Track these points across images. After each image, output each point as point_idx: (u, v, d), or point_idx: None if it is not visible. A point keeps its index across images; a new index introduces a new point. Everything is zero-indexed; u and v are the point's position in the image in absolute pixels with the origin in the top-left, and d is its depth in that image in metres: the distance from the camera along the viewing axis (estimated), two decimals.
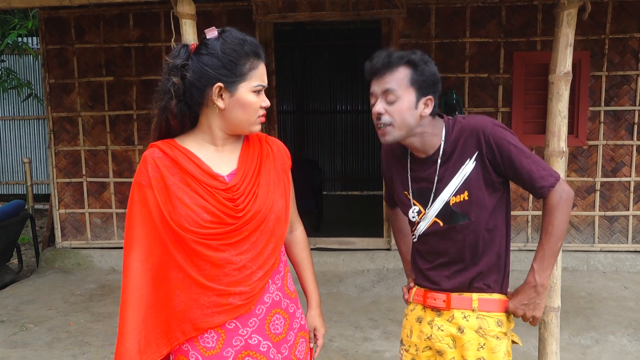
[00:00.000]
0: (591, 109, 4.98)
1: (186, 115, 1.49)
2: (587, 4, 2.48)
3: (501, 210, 1.68)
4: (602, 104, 4.97)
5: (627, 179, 5.03)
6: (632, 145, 5.00)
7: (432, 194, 1.67)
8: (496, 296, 1.68)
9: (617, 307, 4.13)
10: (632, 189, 5.03)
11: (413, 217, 1.73)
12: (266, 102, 1.50)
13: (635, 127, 4.96)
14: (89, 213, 5.51)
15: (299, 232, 1.73)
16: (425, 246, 1.74)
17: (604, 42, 4.90)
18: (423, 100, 1.62)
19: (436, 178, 1.66)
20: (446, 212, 1.66)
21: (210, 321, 1.45)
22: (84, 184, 5.49)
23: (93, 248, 5.49)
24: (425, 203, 1.69)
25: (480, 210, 1.64)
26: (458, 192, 1.63)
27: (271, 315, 1.53)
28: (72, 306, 4.39)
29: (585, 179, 5.06)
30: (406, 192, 1.75)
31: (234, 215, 1.45)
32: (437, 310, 1.71)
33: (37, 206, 7.09)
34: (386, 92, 1.60)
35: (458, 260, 1.68)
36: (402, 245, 1.97)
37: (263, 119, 1.52)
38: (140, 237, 1.45)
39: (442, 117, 1.71)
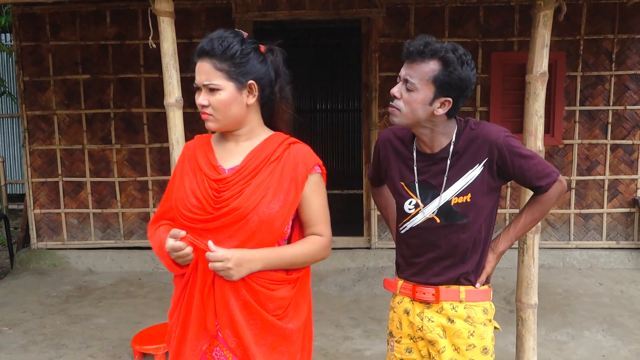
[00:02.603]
0: (567, 108, 5.06)
1: None
2: (563, 6, 2.53)
3: (494, 212, 1.77)
4: (577, 103, 5.06)
5: (602, 177, 5.13)
6: (606, 145, 5.10)
7: (435, 191, 1.72)
8: (483, 287, 1.77)
9: (592, 303, 4.21)
10: (606, 187, 5.13)
11: (409, 210, 1.76)
12: (198, 101, 1.55)
13: (609, 126, 5.07)
14: (65, 213, 5.42)
15: (314, 235, 1.61)
16: (415, 239, 1.78)
17: (579, 43, 4.99)
18: (440, 99, 1.64)
19: (445, 178, 1.71)
20: (446, 210, 1.71)
21: None
22: (60, 183, 5.39)
23: (69, 249, 5.40)
24: (424, 198, 1.73)
25: (478, 212, 1.71)
26: (462, 193, 1.70)
27: None
28: (48, 308, 4.31)
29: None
30: (402, 184, 1.77)
31: (212, 206, 1.51)
32: (425, 302, 1.76)
33: (11, 206, 6.94)
34: (407, 80, 1.64)
35: (448, 257, 1.73)
36: (391, 221, 1.99)
37: (203, 117, 1.56)
38: (166, 208, 1.67)
39: (455, 117, 1.76)
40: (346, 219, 6.38)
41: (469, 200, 1.69)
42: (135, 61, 5.22)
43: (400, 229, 1.81)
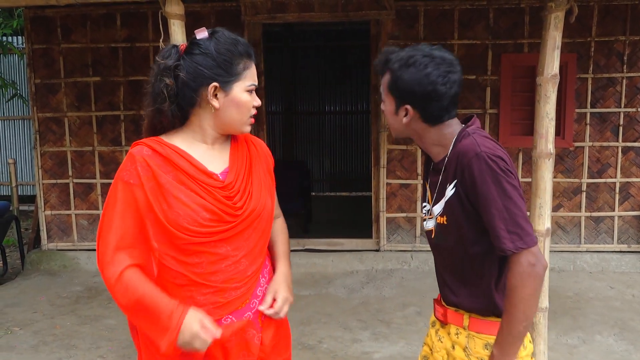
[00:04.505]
0: (577, 110, 5.02)
1: (177, 116, 1.49)
2: (574, 7, 2.51)
3: (489, 247, 1.46)
4: (588, 105, 5.02)
5: (613, 180, 5.09)
6: (617, 147, 5.06)
7: (433, 204, 1.60)
8: (491, 319, 1.53)
9: (603, 307, 4.17)
10: (617, 190, 5.09)
11: (423, 213, 1.67)
12: (258, 102, 1.53)
13: (621, 128, 5.02)
14: (75, 214, 5.45)
15: (279, 220, 1.74)
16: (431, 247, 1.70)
17: (590, 44, 4.95)
18: (402, 108, 1.53)
19: (435, 192, 1.56)
20: (436, 227, 1.58)
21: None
22: (70, 185, 5.43)
23: (79, 250, 5.43)
24: (433, 206, 1.61)
25: (457, 239, 1.50)
26: (441, 214, 1.53)
27: None
28: (58, 309, 4.34)
29: (572, 180, 5.11)
30: (427, 184, 1.66)
31: (233, 214, 1.46)
32: (441, 321, 1.66)
33: (22, 207, 6.99)
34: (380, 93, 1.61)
35: (444, 277, 1.61)
36: None
37: (253, 120, 1.53)
38: (123, 233, 1.40)
39: (468, 121, 1.58)
40: (355, 221, 6.39)
41: (445, 222, 1.51)
42: (146, 63, 5.25)
43: None
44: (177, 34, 2.63)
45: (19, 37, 7.65)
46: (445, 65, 1.47)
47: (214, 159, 1.51)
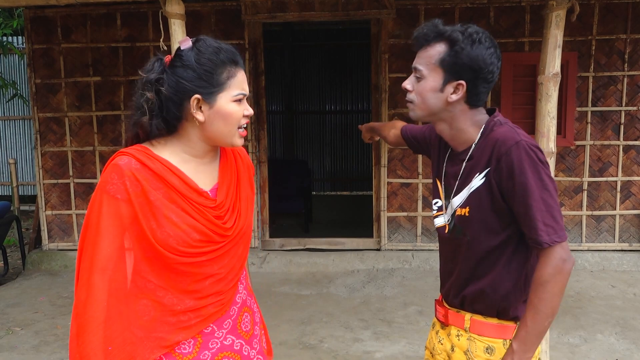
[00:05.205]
0: (578, 109, 5.02)
1: (162, 129, 1.41)
2: (576, 6, 2.50)
3: (514, 241, 1.44)
4: (589, 104, 5.02)
5: (614, 178, 5.08)
6: (618, 146, 5.05)
7: (452, 196, 1.54)
8: (493, 321, 1.50)
9: (604, 306, 4.17)
10: (618, 188, 5.08)
11: (434, 210, 1.61)
12: (249, 111, 1.42)
13: (622, 127, 5.02)
14: (76, 214, 5.45)
15: None
16: (440, 246, 1.65)
17: (590, 43, 4.95)
18: (452, 83, 1.43)
19: (457, 183, 1.50)
20: (452, 220, 1.52)
21: (188, 332, 1.42)
22: (71, 185, 5.43)
23: None
24: (447, 202, 1.56)
25: (480, 233, 1.45)
26: (463, 205, 1.48)
27: (242, 314, 1.55)
28: (59, 309, 4.34)
29: (573, 178, 5.10)
30: (438, 180, 1.60)
31: (223, 234, 1.42)
32: (441, 322, 1.63)
33: (22, 207, 6.99)
34: (415, 68, 1.48)
35: (453, 275, 1.57)
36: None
37: (244, 132, 1.44)
38: (108, 254, 1.33)
39: (493, 112, 1.52)
40: (355, 220, 6.39)
41: (467, 214, 1.46)
42: (146, 63, 5.24)
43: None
44: (178, 34, 2.63)
45: (19, 37, 7.65)
46: (499, 51, 1.47)
47: (205, 175, 1.46)
